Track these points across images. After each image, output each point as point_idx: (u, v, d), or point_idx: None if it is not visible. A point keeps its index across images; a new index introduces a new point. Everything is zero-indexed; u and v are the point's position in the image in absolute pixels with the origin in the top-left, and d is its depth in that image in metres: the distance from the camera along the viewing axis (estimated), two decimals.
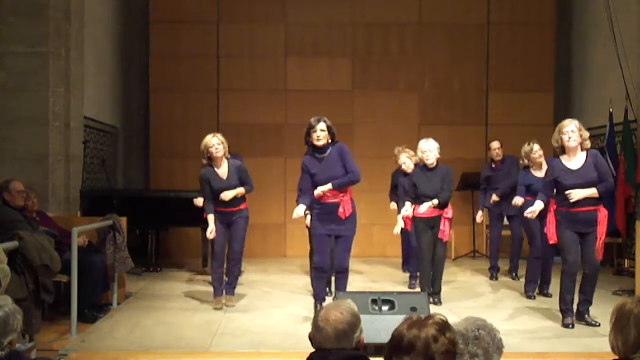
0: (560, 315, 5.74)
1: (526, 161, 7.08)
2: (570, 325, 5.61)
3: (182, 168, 10.06)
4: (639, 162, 8.30)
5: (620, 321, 2.46)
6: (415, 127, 10.26)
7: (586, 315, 5.69)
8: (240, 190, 6.32)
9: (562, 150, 5.64)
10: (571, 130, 5.53)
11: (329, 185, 5.68)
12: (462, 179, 9.66)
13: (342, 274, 5.82)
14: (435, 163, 6.56)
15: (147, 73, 10.39)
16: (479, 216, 8.35)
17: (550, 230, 6.61)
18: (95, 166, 8.93)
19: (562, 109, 10.53)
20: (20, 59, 7.36)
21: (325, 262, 5.83)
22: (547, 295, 7.02)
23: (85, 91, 8.16)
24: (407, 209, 6.56)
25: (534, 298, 6.89)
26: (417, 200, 6.56)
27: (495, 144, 8.21)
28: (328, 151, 5.74)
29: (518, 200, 7.03)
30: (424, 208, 6.43)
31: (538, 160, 6.98)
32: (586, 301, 5.71)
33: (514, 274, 8.07)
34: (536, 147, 6.99)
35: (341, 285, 5.80)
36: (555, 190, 5.75)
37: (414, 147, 7.00)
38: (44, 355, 4.72)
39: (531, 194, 6.90)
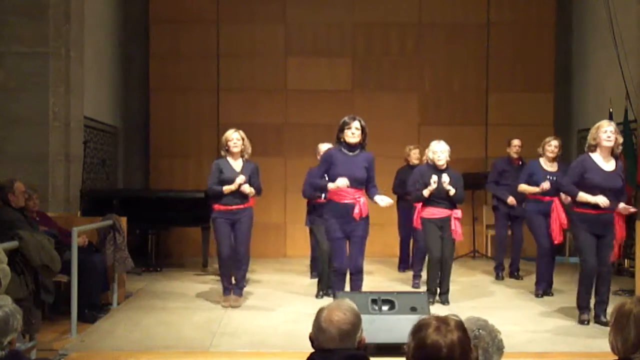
0: (577, 312, 5.82)
1: (541, 150, 7.15)
2: (586, 322, 5.69)
3: (182, 168, 10.07)
4: (639, 162, 8.29)
5: (620, 321, 2.47)
6: (415, 127, 10.25)
7: (602, 317, 5.71)
8: (252, 190, 6.37)
9: (594, 149, 5.70)
10: (610, 131, 5.63)
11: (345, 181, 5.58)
12: (462, 179, 9.63)
13: (357, 275, 5.80)
14: (445, 165, 6.63)
15: (147, 73, 10.38)
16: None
17: (555, 230, 6.64)
18: (95, 166, 8.92)
19: (562, 109, 10.54)
20: (21, 59, 7.35)
21: (344, 264, 5.81)
22: (549, 294, 7.05)
23: (85, 91, 8.16)
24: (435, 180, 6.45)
25: (542, 297, 6.95)
26: (433, 202, 6.56)
27: (517, 142, 8.27)
28: (357, 151, 5.75)
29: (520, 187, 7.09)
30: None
31: (550, 154, 7.06)
32: (602, 302, 5.75)
33: (516, 274, 8.12)
34: (555, 142, 7.08)
35: (357, 286, 5.78)
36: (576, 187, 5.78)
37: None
38: (44, 355, 4.73)
39: (533, 183, 6.95)
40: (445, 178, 6.48)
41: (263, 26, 10.36)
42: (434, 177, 6.52)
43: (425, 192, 6.53)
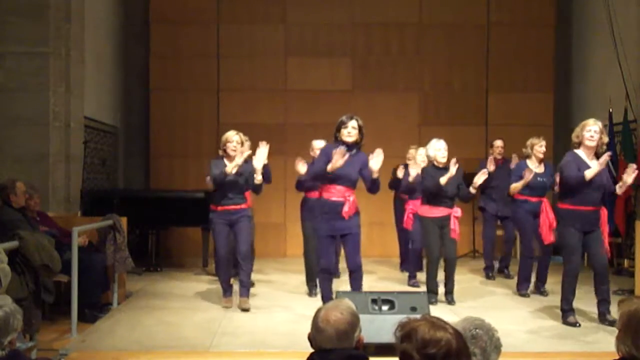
0: (561, 315, 5.75)
1: (529, 150, 7.13)
2: (577, 324, 5.63)
3: (182, 168, 10.07)
4: (639, 162, 8.29)
5: (631, 324, 2.43)
6: (415, 127, 10.26)
7: (607, 315, 5.65)
8: (259, 178, 6.27)
9: (578, 146, 5.70)
10: (594, 130, 5.61)
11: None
12: (462, 179, 9.63)
13: (357, 272, 5.66)
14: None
15: (147, 73, 10.40)
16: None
17: (545, 230, 6.65)
18: (95, 166, 8.93)
19: (562, 109, 10.54)
20: (21, 59, 7.36)
21: (331, 263, 5.77)
22: (543, 293, 7.03)
23: (85, 91, 8.16)
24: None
25: (529, 296, 6.94)
26: (434, 200, 6.55)
27: (499, 142, 8.34)
28: (354, 151, 5.67)
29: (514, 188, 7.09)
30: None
31: (538, 155, 7.07)
32: (604, 301, 5.68)
33: (506, 272, 8.15)
34: (544, 143, 7.11)
35: (357, 285, 5.63)
36: (560, 187, 5.79)
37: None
38: (45, 355, 4.73)
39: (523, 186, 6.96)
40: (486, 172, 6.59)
41: (263, 26, 10.37)
42: (484, 170, 6.65)
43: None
